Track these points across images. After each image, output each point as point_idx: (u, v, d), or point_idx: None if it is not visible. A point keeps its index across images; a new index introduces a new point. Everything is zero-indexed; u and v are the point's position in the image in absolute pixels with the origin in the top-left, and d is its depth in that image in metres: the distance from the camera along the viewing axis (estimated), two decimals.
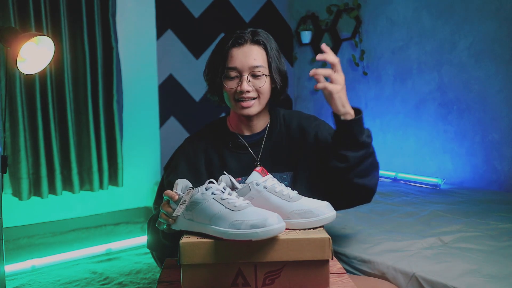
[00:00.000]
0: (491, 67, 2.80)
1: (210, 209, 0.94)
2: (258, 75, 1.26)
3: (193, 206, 0.96)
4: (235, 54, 1.26)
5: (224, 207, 0.92)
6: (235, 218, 0.89)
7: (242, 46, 1.27)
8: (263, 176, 1.01)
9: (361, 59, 3.58)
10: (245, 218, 0.88)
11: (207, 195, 0.95)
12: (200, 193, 0.96)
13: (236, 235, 0.88)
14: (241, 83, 1.25)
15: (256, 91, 1.27)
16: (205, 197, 0.95)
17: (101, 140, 3.03)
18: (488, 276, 1.38)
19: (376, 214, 2.13)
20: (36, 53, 1.57)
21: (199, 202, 0.96)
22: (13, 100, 2.70)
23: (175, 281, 1.03)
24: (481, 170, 2.88)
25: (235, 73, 1.26)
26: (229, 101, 1.30)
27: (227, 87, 1.28)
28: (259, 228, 0.86)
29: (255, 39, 1.28)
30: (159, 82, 3.53)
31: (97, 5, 2.94)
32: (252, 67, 1.25)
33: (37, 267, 2.52)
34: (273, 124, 1.38)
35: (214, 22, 3.76)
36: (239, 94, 1.26)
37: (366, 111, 3.60)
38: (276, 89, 1.32)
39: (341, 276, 1.01)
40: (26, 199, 2.79)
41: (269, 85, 1.29)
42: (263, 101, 1.30)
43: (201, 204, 0.95)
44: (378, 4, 3.45)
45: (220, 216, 0.92)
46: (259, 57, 1.27)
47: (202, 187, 0.97)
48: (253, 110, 1.28)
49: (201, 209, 0.95)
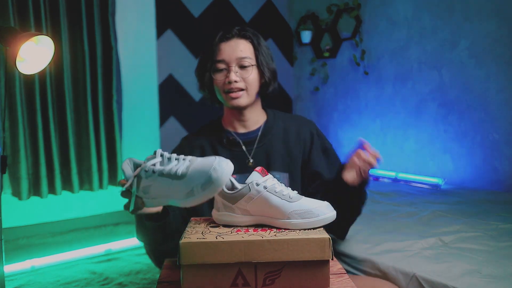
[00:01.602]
0: (491, 67, 2.80)
1: (162, 186, 0.96)
2: (245, 65, 1.30)
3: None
4: (222, 48, 1.30)
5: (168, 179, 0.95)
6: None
7: (229, 40, 1.31)
8: (263, 176, 1.01)
9: (362, 58, 3.58)
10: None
11: (150, 174, 0.96)
12: (144, 177, 0.97)
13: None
14: (229, 74, 1.29)
15: (244, 81, 1.30)
16: (150, 178, 0.97)
17: (100, 140, 3.03)
18: (488, 276, 1.38)
19: (376, 214, 2.13)
20: (36, 53, 1.56)
21: (149, 186, 0.98)
22: (13, 100, 2.70)
23: (175, 281, 1.02)
24: (482, 170, 2.88)
25: (223, 65, 1.30)
26: (220, 94, 1.34)
27: (216, 80, 1.32)
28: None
29: (242, 33, 1.32)
30: (159, 82, 3.52)
31: (96, 4, 2.94)
32: (239, 58, 1.29)
33: (36, 267, 2.51)
34: (269, 124, 1.40)
35: (214, 22, 3.76)
36: (227, 85, 1.30)
37: (366, 111, 3.63)
38: (266, 83, 1.35)
39: (341, 276, 1.01)
40: (25, 199, 2.78)
41: (256, 75, 1.32)
42: (251, 93, 1.32)
43: (152, 186, 0.97)
44: (378, 4, 3.45)
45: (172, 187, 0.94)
46: (246, 49, 1.31)
47: (142, 169, 0.97)
48: (241, 101, 1.31)
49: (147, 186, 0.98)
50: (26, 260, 2.51)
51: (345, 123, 3.81)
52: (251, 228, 0.99)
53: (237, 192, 1.00)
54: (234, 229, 0.98)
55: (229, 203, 1.01)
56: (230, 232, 0.96)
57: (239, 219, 1.01)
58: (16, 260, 2.51)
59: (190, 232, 0.97)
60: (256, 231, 0.97)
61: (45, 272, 2.48)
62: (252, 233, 0.95)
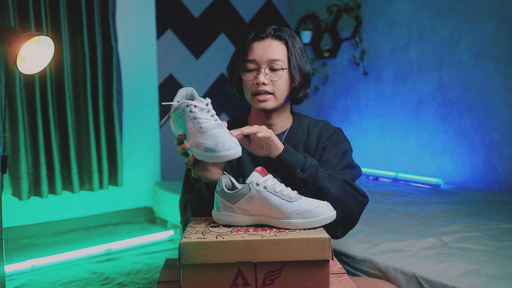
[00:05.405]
0: (491, 67, 2.80)
1: (185, 125, 1.07)
2: (276, 68, 1.25)
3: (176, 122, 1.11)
4: (255, 47, 1.26)
5: (193, 124, 1.06)
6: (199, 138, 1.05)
7: (263, 40, 1.27)
8: (263, 176, 1.01)
9: (362, 59, 3.58)
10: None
11: (186, 111, 1.07)
12: (181, 109, 1.08)
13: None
14: (258, 75, 1.25)
15: (273, 85, 1.25)
16: (184, 114, 1.08)
17: (101, 140, 3.03)
18: (488, 276, 1.38)
19: (376, 214, 2.13)
20: (36, 53, 1.57)
21: (180, 117, 1.09)
22: (13, 100, 2.70)
23: (175, 281, 1.03)
24: (481, 170, 2.88)
25: (254, 65, 1.26)
26: (248, 95, 1.30)
27: (245, 80, 1.28)
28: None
29: (277, 34, 1.27)
30: (159, 82, 3.52)
31: (97, 5, 2.94)
32: (270, 60, 1.25)
33: (37, 267, 2.51)
34: (294, 129, 1.34)
35: (214, 22, 3.76)
36: (255, 87, 1.25)
37: (366, 111, 3.63)
38: (296, 88, 1.30)
39: (341, 276, 1.01)
40: (26, 199, 2.78)
41: (286, 80, 1.27)
42: (279, 97, 1.27)
43: (181, 119, 1.08)
44: (378, 4, 3.45)
45: (191, 132, 1.06)
46: (279, 51, 1.26)
47: (184, 103, 1.07)
48: (268, 104, 1.26)
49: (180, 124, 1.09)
50: (26, 260, 2.51)
51: (345, 123, 3.81)
52: (251, 228, 1.00)
53: (237, 192, 1.00)
54: (234, 229, 0.99)
55: (229, 203, 1.01)
56: (230, 232, 0.97)
57: (239, 219, 1.01)
58: (17, 260, 2.51)
59: (190, 232, 0.97)
60: (256, 231, 0.97)
61: (46, 272, 2.49)
62: (252, 233, 0.95)
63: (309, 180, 1.13)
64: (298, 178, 1.13)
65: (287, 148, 1.13)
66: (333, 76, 3.89)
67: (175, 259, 1.13)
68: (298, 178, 1.13)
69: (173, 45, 3.60)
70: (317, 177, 1.14)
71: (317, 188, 1.14)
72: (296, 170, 1.13)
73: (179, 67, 3.64)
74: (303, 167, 1.13)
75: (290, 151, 1.14)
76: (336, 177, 1.20)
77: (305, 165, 1.13)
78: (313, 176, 1.14)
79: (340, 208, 1.16)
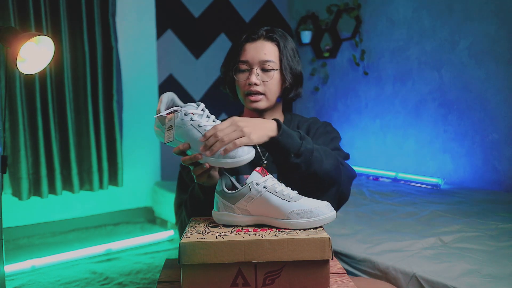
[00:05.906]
0: (491, 67, 2.80)
1: (188, 134, 1.01)
2: (268, 69, 1.27)
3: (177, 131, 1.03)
4: (247, 48, 1.29)
5: (198, 132, 1.01)
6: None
7: (255, 41, 1.29)
8: (263, 176, 1.01)
9: (362, 59, 3.58)
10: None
11: (186, 120, 1.01)
12: (180, 119, 1.02)
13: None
14: (250, 76, 1.27)
15: (264, 86, 1.28)
16: (184, 123, 1.02)
17: (101, 140, 3.03)
18: (488, 276, 1.38)
19: (376, 214, 2.13)
20: (36, 53, 1.57)
21: (179, 127, 1.02)
22: (13, 100, 2.70)
23: (175, 281, 1.03)
24: (481, 170, 2.88)
25: (246, 66, 1.28)
26: (240, 95, 1.32)
27: (238, 80, 1.30)
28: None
29: (269, 35, 1.29)
30: (159, 82, 3.52)
31: (97, 5, 2.94)
32: (262, 61, 1.27)
33: (37, 267, 2.52)
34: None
35: (214, 22, 3.76)
36: (248, 87, 1.28)
37: (366, 111, 3.63)
38: (287, 88, 1.32)
39: (341, 276, 1.01)
40: (26, 199, 2.79)
41: (278, 81, 1.30)
42: (271, 98, 1.30)
43: (182, 128, 1.02)
44: (378, 4, 3.45)
45: (197, 140, 1.00)
46: (270, 52, 1.28)
47: (182, 112, 1.02)
48: (260, 104, 1.29)
49: (181, 133, 1.02)
50: (26, 260, 2.51)
51: (345, 123, 3.81)
52: (251, 228, 1.00)
53: (237, 192, 1.00)
54: (234, 229, 0.98)
55: (229, 203, 1.01)
56: (230, 232, 0.97)
57: (239, 219, 1.01)
58: (17, 260, 2.51)
59: (190, 232, 0.97)
60: (256, 231, 0.97)
61: (46, 272, 2.49)
62: (252, 233, 0.95)
63: (303, 165, 1.10)
64: (292, 162, 1.10)
65: (283, 131, 1.09)
66: (333, 76, 3.89)
67: (175, 259, 1.13)
68: (292, 162, 1.10)
69: (173, 45, 3.60)
70: (311, 161, 1.11)
71: (312, 172, 1.12)
72: (290, 155, 1.09)
73: (179, 67, 3.65)
74: (298, 151, 1.09)
75: (286, 134, 1.09)
76: (331, 153, 1.18)
77: (300, 150, 1.09)
78: (308, 161, 1.11)
79: (336, 187, 1.19)
